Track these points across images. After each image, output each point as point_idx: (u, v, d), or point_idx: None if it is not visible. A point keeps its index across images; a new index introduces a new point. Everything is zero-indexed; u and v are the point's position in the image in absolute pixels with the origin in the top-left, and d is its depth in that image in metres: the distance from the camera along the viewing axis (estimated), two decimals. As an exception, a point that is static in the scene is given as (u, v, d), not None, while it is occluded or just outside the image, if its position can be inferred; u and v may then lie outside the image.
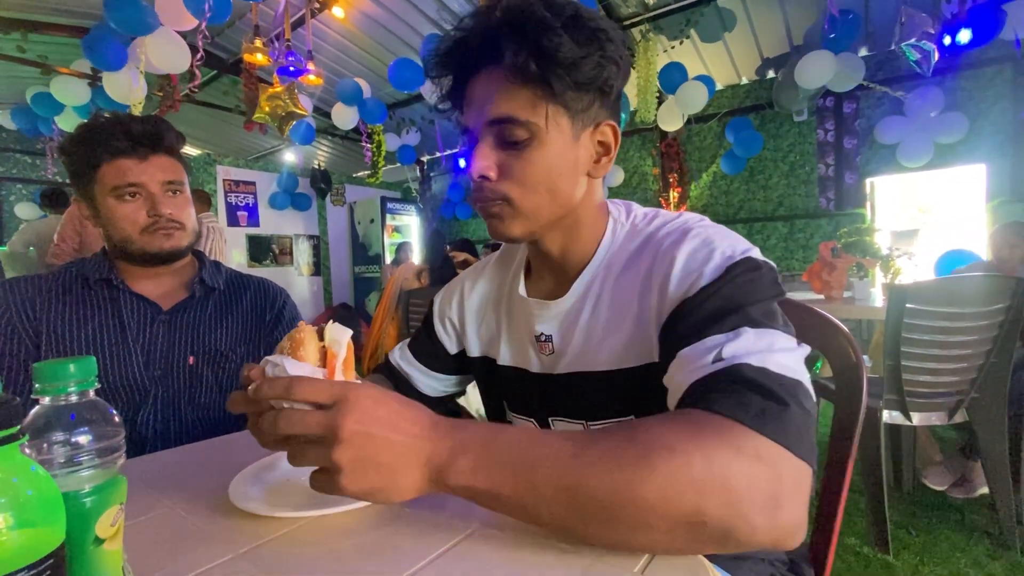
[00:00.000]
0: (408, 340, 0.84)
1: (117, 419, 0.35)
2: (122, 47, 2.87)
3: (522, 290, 0.69)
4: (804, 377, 0.44)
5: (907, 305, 1.57)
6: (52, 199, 3.66)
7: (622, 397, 0.61)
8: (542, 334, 0.66)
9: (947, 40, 2.70)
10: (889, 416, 1.68)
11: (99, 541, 0.33)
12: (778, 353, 0.45)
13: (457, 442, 0.42)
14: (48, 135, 4.40)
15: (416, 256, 5.47)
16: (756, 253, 0.54)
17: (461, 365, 0.80)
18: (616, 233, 0.64)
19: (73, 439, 0.32)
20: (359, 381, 0.47)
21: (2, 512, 0.24)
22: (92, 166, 0.91)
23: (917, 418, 1.68)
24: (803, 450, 0.40)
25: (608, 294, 0.62)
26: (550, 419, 0.68)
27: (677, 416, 0.43)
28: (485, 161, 0.57)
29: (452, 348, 0.80)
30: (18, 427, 0.26)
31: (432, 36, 0.60)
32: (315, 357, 0.46)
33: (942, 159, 3.90)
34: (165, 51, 2.88)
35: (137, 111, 3.17)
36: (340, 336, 0.48)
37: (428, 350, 0.81)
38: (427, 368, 0.81)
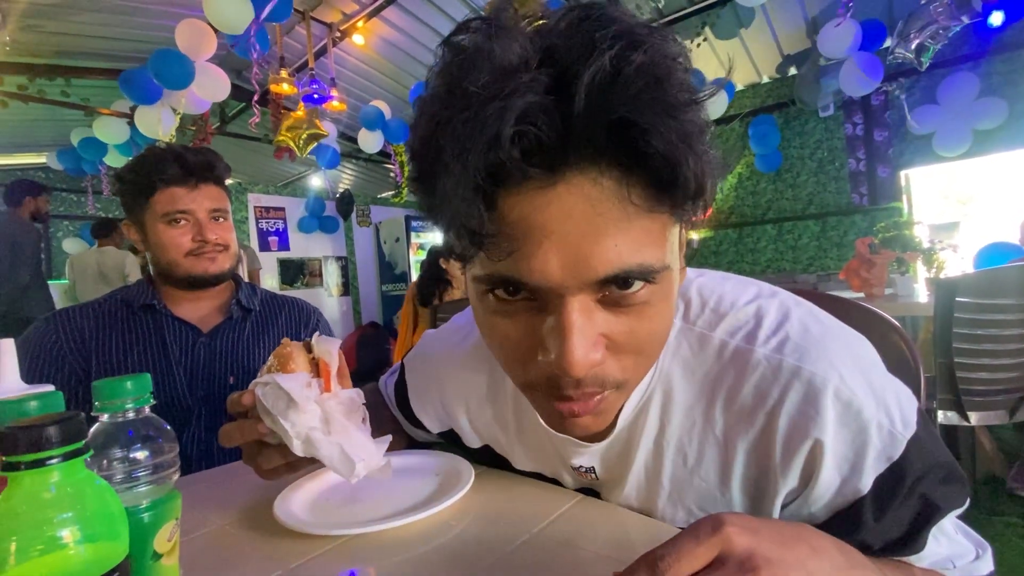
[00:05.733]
0: (396, 380, 0.71)
1: (172, 434, 0.36)
2: (157, 84, 3.01)
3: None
4: None
5: (957, 299, 1.50)
6: (99, 230, 3.83)
7: None
8: (582, 467, 0.52)
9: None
10: (944, 417, 1.60)
11: (157, 556, 0.34)
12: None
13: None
14: (93, 174, 4.63)
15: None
16: (908, 407, 0.41)
17: (452, 438, 0.67)
18: (669, 336, 0.45)
19: (131, 455, 0.33)
20: (355, 390, 0.46)
21: (70, 526, 0.25)
22: (146, 193, 0.96)
23: (975, 418, 1.59)
24: None
25: (674, 431, 0.46)
26: None
27: None
28: (592, 340, 0.34)
29: (435, 428, 0.67)
30: (83, 442, 0.26)
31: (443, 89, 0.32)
32: (306, 368, 0.45)
33: (981, 147, 3.73)
34: (204, 84, 3.01)
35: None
36: (330, 347, 0.46)
37: (409, 413, 0.68)
38: (411, 424, 0.71)
